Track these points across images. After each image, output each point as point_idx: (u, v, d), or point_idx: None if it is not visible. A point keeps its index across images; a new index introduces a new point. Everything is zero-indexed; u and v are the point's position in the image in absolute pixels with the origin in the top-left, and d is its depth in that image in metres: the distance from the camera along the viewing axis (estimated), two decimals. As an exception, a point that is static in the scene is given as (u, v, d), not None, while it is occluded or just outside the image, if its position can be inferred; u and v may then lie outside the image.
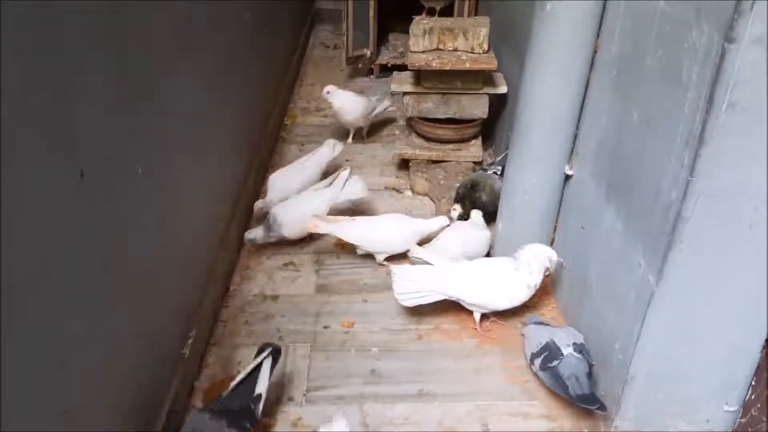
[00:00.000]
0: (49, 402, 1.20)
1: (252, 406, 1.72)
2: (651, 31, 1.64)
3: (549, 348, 1.98)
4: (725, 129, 1.38)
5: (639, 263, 1.69)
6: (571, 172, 2.21)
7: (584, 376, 1.89)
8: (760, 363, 1.65)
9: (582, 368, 1.92)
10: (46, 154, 1.17)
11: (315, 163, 2.96)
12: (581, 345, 1.99)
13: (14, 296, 1.06)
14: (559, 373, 1.92)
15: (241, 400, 1.73)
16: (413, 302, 2.25)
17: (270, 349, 1.86)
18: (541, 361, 1.98)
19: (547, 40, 2.05)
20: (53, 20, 1.18)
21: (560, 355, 1.94)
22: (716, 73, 1.34)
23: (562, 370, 1.92)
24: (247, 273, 2.54)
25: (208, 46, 2.25)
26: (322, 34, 5.28)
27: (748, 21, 1.27)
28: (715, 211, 1.47)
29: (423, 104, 3.07)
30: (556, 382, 1.93)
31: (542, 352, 1.99)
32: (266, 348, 1.87)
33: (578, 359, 1.94)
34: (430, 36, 2.96)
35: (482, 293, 2.22)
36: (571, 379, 1.89)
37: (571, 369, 1.91)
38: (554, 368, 1.93)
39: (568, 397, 1.88)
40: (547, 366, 1.96)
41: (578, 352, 1.95)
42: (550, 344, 1.98)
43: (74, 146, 1.27)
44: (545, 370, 1.97)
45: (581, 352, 1.96)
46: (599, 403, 1.82)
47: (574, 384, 1.87)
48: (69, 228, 1.26)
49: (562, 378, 1.91)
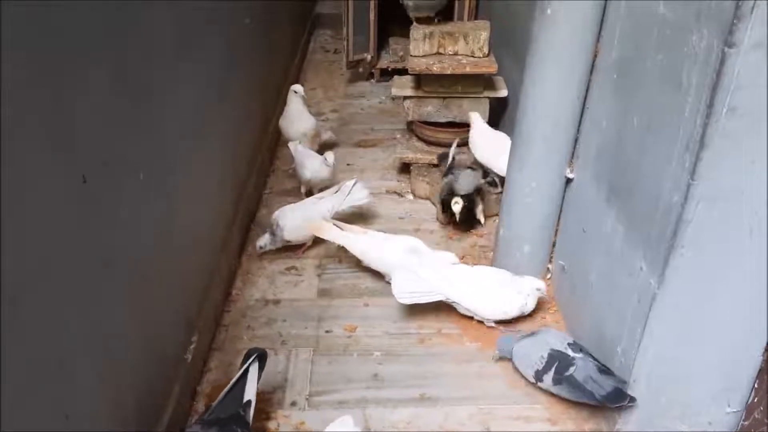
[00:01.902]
0: (51, 406, 1.20)
1: (242, 412, 1.71)
2: (651, 35, 1.65)
3: (557, 358, 1.92)
4: (726, 133, 1.38)
5: (640, 266, 1.69)
6: (571, 175, 2.21)
7: (597, 374, 1.84)
8: (762, 365, 1.65)
9: (591, 366, 1.87)
10: (48, 160, 1.18)
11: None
12: (574, 342, 1.97)
13: (16, 300, 1.06)
14: (578, 381, 1.86)
15: (231, 408, 1.73)
16: (411, 300, 2.26)
17: (255, 355, 1.85)
18: (553, 374, 1.91)
19: (547, 44, 2.05)
20: (54, 26, 1.18)
21: (572, 361, 1.89)
22: (716, 77, 1.35)
23: (580, 375, 1.86)
24: (249, 277, 2.55)
25: (208, 51, 2.26)
26: (323, 38, 5.29)
27: (748, 25, 1.27)
28: (716, 214, 1.47)
29: (423, 108, 3.08)
30: (577, 391, 1.87)
31: (551, 365, 1.92)
32: (252, 353, 1.86)
33: (583, 358, 1.90)
34: (431, 40, 2.97)
35: (479, 301, 2.24)
36: (588, 382, 1.84)
37: (586, 371, 1.86)
38: (571, 377, 1.88)
39: (596, 401, 1.82)
40: (563, 377, 1.89)
41: (578, 351, 1.93)
42: (555, 354, 1.93)
43: (76, 152, 1.28)
44: (561, 382, 1.90)
45: (581, 350, 1.94)
46: (628, 397, 1.75)
47: (594, 386, 1.82)
48: (71, 232, 1.26)
49: (582, 384, 1.85)
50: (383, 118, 3.88)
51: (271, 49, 3.55)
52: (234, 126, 2.68)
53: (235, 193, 2.68)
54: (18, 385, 1.07)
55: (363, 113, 3.99)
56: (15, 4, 1.04)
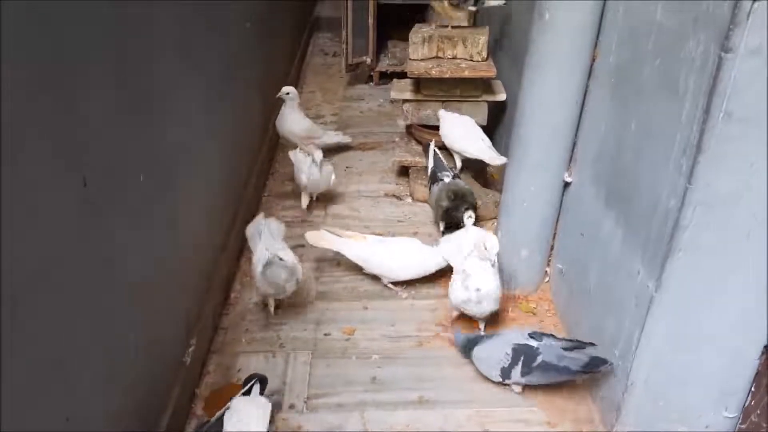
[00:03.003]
0: (52, 409, 1.21)
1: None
2: (648, 40, 1.66)
3: (522, 351, 1.96)
4: (722, 138, 1.39)
5: (638, 270, 1.70)
6: (570, 179, 2.22)
7: (567, 351, 1.92)
8: (759, 369, 1.65)
9: (558, 345, 1.94)
10: (50, 163, 1.18)
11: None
12: (534, 333, 2.00)
13: (17, 303, 1.07)
14: (551, 363, 1.92)
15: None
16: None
17: (255, 379, 1.88)
18: (521, 368, 1.96)
19: (545, 49, 2.06)
20: (56, 31, 1.19)
21: (536, 351, 1.94)
22: (713, 82, 1.36)
23: (549, 358, 1.92)
24: (248, 281, 2.54)
25: (209, 54, 2.26)
26: (322, 41, 5.31)
27: (745, 31, 1.28)
28: (713, 218, 1.48)
29: (422, 111, 3.09)
30: (553, 372, 1.93)
31: (516, 360, 1.97)
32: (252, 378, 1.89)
33: (547, 342, 1.95)
34: (430, 44, 2.97)
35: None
36: (563, 359, 1.90)
37: (554, 351, 1.93)
38: (542, 363, 1.93)
39: (574, 375, 1.90)
40: (532, 367, 1.95)
41: (540, 338, 1.97)
42: (519, 347, 1.97)
43: (77, 155, 1.28)
44: (531, 372, 1.95)
45: (542, 336, 1.98)
46: (607, 361, 1.84)
47: (570, 362, 1.89)
48: (71, 235, 1.27)
49: (557, 365, 1.91)
50: (382, 121, 3.90)
51: (271, 52, 3.56)
52: (234, 129, 2.68)
53: (235, 196, 2.68)
54: (18, 387, 1.08)
55: (362, 116, 4.00)
56: (18, 9, 1.05)
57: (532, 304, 2.41)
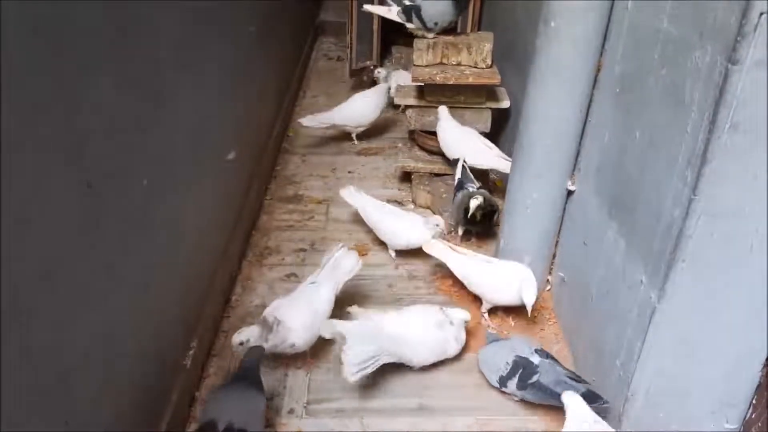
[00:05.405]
0: (50, 413, 1.20)
1: None
2: (654, 50, 1.66)
3: (521, 365, 1.95)
4: (727, 149, 1.39)
5: (640, 280, 1.69)
6: (573, 187, 2.22)
7: (566, 378, 1.89)
8: (760, 381, 1.65)
9: (560, 370, 1.92)
10: (55, 166, 1.18)
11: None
12: (541, 349, 1.99)
13: (17, 304, 1.07)
14: (545, 385, 1.90)
15: None
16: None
17: None
18: (517, 380, 1.96)
19: (550, 57, 2.06)
20: (61, 35, 1.19)
21: (536, 368, 1.93)
22: (719, 93, 1.35)
23: (545, 380, 1.91)
24: (249, 284, 2.54)
25: (213, 59, 2.27)
26: (326, 46, 5.31)
27: (752, 43, 1.28)
28: (717, 230, 1.48)
29: (426, 118, 3.09)
30: (545, 395, 1.91)
31: (515, 371, 1.96)
32: None
33: (551, 364, 1.94)
34: (434, 50, 2.98)
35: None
36: (560, 384, 1.88)
37: (553, 375, 1.91)
38: (537, 383, 1.92)
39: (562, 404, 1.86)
40: (527, 384, 1.94)
41: (545, 357, 1.96)
42: (519, 361, 1.96)
43: (82, 158, 1.28)
44: (526, 388, 1.95)
45: (547, 356, 1.96)
46: (602, 398, 1.81)
47: (566, 388, 1.86)
48: (74, 238, 1.27)
49: (550, 388, 1.89)
50: (385, 126, 3.90)
51: (275, 57, 3.57)
52: (236, 132, 2.69)
53: (237, 199, 2.68)
54: (17, 390, 1.07)
55: (365, 121, 4.00)
56: (22, 12, 1.05)
57: (533, 313, 2.40)
